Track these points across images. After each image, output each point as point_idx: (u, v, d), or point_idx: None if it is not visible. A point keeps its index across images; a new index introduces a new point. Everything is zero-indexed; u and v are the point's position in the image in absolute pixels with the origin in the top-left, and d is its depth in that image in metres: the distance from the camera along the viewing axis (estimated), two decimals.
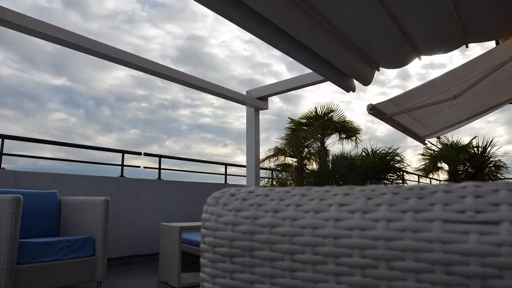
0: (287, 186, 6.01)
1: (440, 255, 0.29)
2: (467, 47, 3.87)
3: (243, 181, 5.95)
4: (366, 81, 4.59)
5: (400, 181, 6.56)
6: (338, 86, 4.81)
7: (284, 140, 6.53)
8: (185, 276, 3.37)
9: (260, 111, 5.96)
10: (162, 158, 4.81)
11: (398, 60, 4.15)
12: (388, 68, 4.55)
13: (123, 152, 4.36)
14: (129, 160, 4.44)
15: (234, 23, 3.10)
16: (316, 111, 6.96)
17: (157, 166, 4.77)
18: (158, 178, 4.81)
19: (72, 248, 2.86)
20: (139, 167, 4.56)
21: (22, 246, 2.57)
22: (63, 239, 2.84)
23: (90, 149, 4.17)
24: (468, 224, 0.29)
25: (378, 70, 4.50)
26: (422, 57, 3.98)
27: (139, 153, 4.56)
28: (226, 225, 0.40)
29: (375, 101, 4.52)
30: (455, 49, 3.84)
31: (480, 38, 3.86)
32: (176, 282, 3.10)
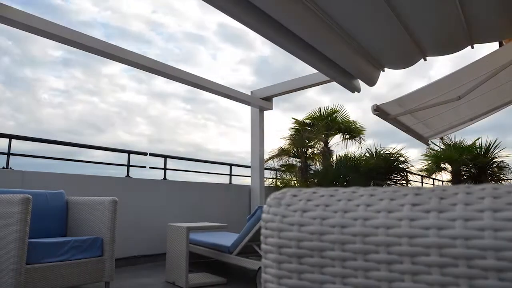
0: (291, 186, 6.03)
1: None
2: (472, 47, 3.87)
3: (247, 181, 5.96)
4: (371, 82, 4.60)
5: (404, 182, 6.56)
6: (343, 86, 4.82)
7: (288, 140, 6.54)
8: (192, 276, 3.37)
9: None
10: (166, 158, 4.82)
11: (404, 61, 4.15)
12: (393, 68, 4.56)
13: (129, 152, 4.37)
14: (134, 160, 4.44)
15: (239, 22, 3.11)
16: (320, 112, 6.97)
17: (163, 166, 4.77)
18: (163, 178, 4.81)
19: (80, 248, 2.86)
20: (145, 167, 4.56)
21: (32, 246, 2.57)
22: (72, 239, 2.84)
23: (96, 149, 4.17)
24: None
25: (383, 70, 4.50)
26: (428, 57, 3.99)
27: (145, 153, 4.56)
28: (292, 225, 0.40)
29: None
30: (460, 49, 3.84)
31: (486, 39, 3.87)
32: (183, 282, 3.10)
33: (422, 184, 8.67)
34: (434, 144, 8.01)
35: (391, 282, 0.34)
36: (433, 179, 8.67)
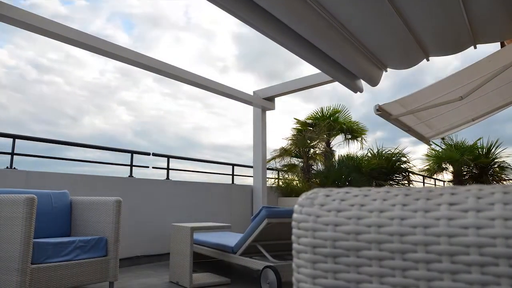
0: (293, 186, 6.03)
1: None
2: (475, 48, 3.87)
3: (249, 181, 5.96)
4: (374, 82, 4.60)
5: (406, 182, 6.57)
6: (346, 86, 4.82)
7: (290, 141, 6.54)
8: (196, 276, 3.37)
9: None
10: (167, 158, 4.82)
11: (406, 61, 4.16)
12: (396, 68, 4.56)
13: (132, 152, 4.37)
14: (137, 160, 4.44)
15: (244, 22, 3.11)
16: (322, 112, 6.97)
17: (165, 166, 4.77)
18: (166, 179, 4.81)
19: (84, 248, 2.86)
20: (147, 167, 4.56)
21: (36, 246, 2.57)
22: (76, 239, 2.84)
23: (100, 149, 4.17)
24: None
25: (386, 70, 4.50)
26: (430, 58, 3.99)
27: (148, 153, 4.56)
28: (327, 225, 0.40)
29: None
30: (463, 50, 3.85)
31: (489, 39, 3.87)
32: (187, 282, 3.10)
33: (423, 184, 8.68)
34: (436, 144, 8.02)
35: (430, 281, 0.34)
36: (435, 179, 8.68)
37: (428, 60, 4.07)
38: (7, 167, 3.47)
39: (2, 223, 2.56)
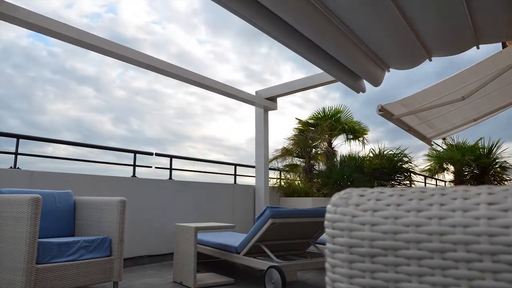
0: (295, 186, 6.03)
1: None
2: (478, 48, 3.88)
3: (251, 181, 5.96)
4: (376, 82, 4.60)
5: (408, 182, 6.58)
6: (348, 86, 4.82)
7: (291, 141, 6.54)
8: (200, 276, 3.37)
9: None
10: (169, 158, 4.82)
11: (409, 61, 4.16)
12: (398, 68, 4.56)
13: (135, 152, 4.37)
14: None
15: (247, 21, 3.11)
16: (324, 112, 6.98)
17: (168, 166, 4.77)
18: (169, 178, 4.81)
19: (89, 248, 2.86)
20: (150, 167, 4.56)
21: (41, 246, 2.57)
22: (81, 239, 2.83)
23: (103, 149, 4.17)
24: None
25: (388, 71, 4.51)
26: (433, 58, 3.99)
27: (151, 153, 4.56)
28: (363, 225, 0.40)
29: None
30: (466, 50, 3.85)
31: (492, 39, 3.87)
32: (191, 282, 3.10)
33: (425, 185, 8.69)
34: (437, 144, 8.03)
35: (471, 280, 0.34)
36: (436, 179, 8.69)
37: (430, 60, 4.07)
38: (11, 167, 3.47)
39: (7, 223, 2.56)
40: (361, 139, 6.90)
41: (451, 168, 7.92)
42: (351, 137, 6.93)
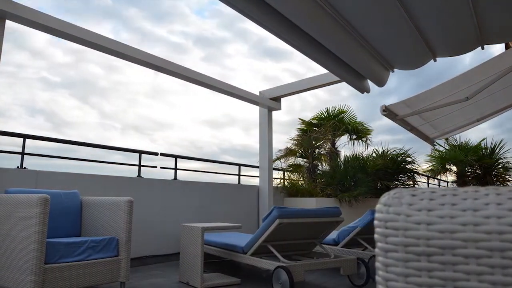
0: (299, 187, 6.04)
1: None
2: (482, 48, 3.88)
3: (255, 182, 5.96)
4: (381, 82, 4.61)
5: (411, 183, 6.58)
6: (353, 87, 4.82)
7: (295, 141, 6.55)
8: (206, 276, 3.37)
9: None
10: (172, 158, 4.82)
11: (414, 61, 4.16)
12: (403, 69, 4.56)
13: (140, 152, 4.37)
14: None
15: (254, 22, 3.11)
16: (327, 112, 6.98)
17: (173, 166, 4.77)
18: (174, 178, 4.81)
19: (96, 248, 2.86)
20: (156, 167, 4.56)
21: (49, 246, 2.57)
22: (88, 239, 2.83)
23: (109, 149, 4.18)
24: None
25: (393, 71, 4.51)
26: (438, 58, 4.00)
27: (156, 153, 4.56)
28: (419, 224, 0.41)
29: None
30: (471, 50, 3.85)
31: (497, 39, 3.87)
32: (198, 282, 3.10)
33: (428, 185, 8.71)
34: (439, 145, 8.03)
35: None
36: (439, 179, 8.68)
37: (435, 60, 4.08)
38: (18, 167, 3.47)
39: (16, 222, 2.56)
40: (364, 139, 6.91)
41: (454, 168, 7.92)
42: (355, 137, 6.94)
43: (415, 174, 6.61)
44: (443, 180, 8.94)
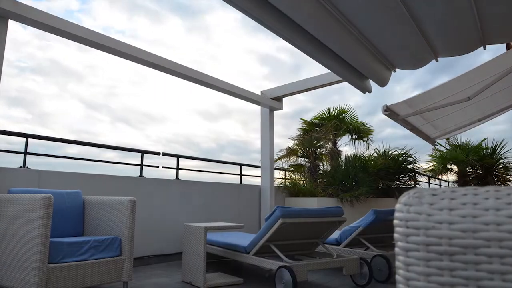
0: (300, 186, 6.04)
1: None
2: (484, 48, 3.88)
3: (257, 181, 5.96)
4: (383, 82, 4.61)
5: (412, 183, 6.59)
6: (355, 86, 4.82)
7: (296, 141, 6.55)
8: (209, 276, 3.37)
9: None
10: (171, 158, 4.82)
11: (415, 61, 4.16)
12: (404, 69, 4.56)
13: (142, 152, 4.37)
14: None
15: (256, 21, 3.11)
16: (329, 112, 6.99)
17: (175, 166, 4.77)
18: (176, 178, 4.81)
19: (99, 248, 2.86)
20: (157, 167, 4.56)
21: (53, 246, 2.57)
22: (91, 239, 2.84)
23: (111, 149, 4.18)
24: None
25: (395, 71, 4.51)
26: (439, 58, 4.00)
27: (158, 153, 4.56)
28: (440, 223, 0.41)
29: None
30: (473, 50, 3.85)
31: (499, 39, 3.87)
32: (201, 282, 3.10)
33: (429, 185, 8.71)
34: (440, 145, 8.03)
35: None
36: (440, 179, 8.69)
37: (437, 60, 4.07)
38: (20, 167, 3.47)
39: (19, 222, 2.57)
40: (365, 139, 6.92)
41: (455, 168, 7.93)
42: (356, 137, 6.94)
43: (416, 174, 6.61)
44: (444, 180, 8.95)
